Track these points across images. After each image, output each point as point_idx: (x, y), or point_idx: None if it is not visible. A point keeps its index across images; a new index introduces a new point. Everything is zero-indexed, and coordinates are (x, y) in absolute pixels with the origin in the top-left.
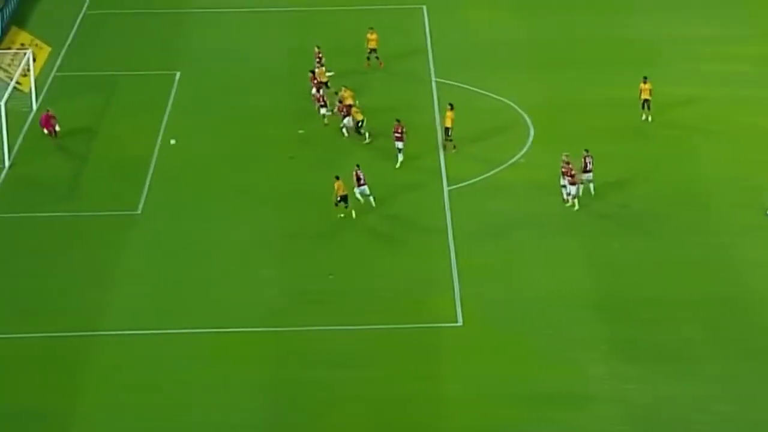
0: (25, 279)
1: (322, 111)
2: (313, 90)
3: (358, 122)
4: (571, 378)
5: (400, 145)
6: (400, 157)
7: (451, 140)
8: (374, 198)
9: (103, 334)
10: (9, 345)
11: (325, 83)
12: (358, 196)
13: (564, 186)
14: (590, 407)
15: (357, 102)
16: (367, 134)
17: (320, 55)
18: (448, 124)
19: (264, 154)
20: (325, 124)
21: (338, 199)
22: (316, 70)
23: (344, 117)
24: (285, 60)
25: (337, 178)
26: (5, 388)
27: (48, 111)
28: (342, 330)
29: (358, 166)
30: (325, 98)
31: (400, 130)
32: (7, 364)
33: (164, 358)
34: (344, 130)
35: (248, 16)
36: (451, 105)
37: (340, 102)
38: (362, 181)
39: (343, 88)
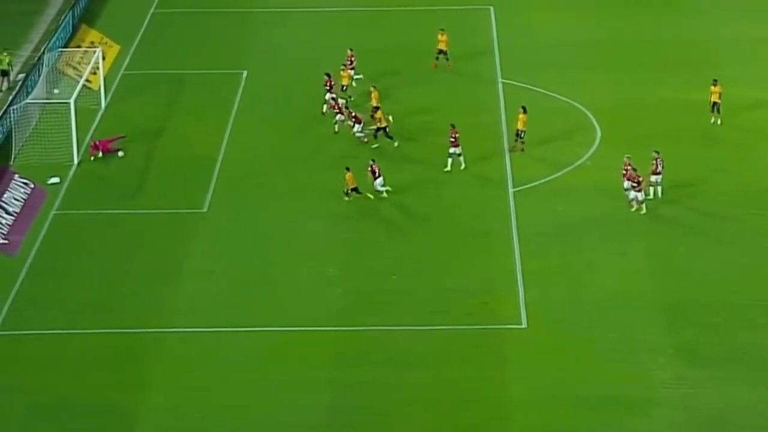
0: (92, 275)
1: (338, 117)
2: (327, 95)
3: (383, 128)
4: (635, 382)
5: (455, 150)
6: (450, 161)
7: (523, 142)
8: (388, 191)
9: (169, 331)
10: (78, 340)
11: (344, 86)
12: (377, 189)
13: (627, 190)
14: (655, 412)
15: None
16: (393, 141)
17: (352, 58)
18: (520, 127)
19: (330, 153)
20: (335, 132)
21: (349, 190)
22: (341, 73)
23: (354, 125)
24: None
25: (348, 169)
26: (74, 382)
27: (92, 141)
28: (405, 330)
29: (373, 160)
30: (339, 104)
31: (454, 135)
32: (76, 360)
33: (229, 356)
34: (356, 135)
35: (317, 15)
36: (523, 108)
37: (347, 108)
38: (377, 174)
39: (372, 88)
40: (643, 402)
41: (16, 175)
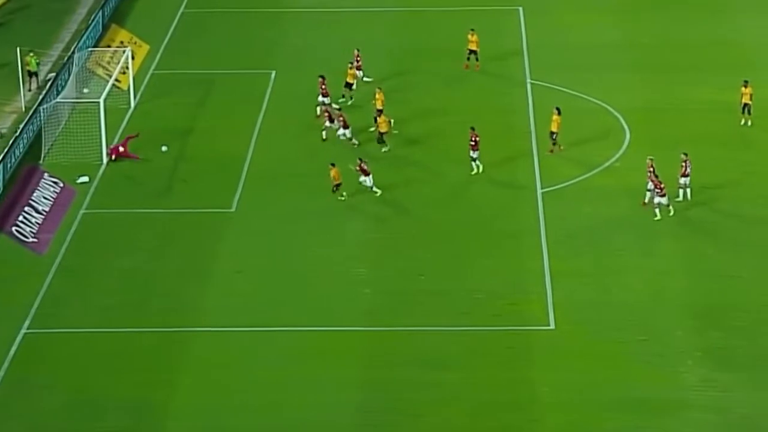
0: (121, 274)
1: (327, 124)
2: (320, 97)
3: (381, 133)
4: (664, 384)
5: (474, 154)
6: (474, 166)
7: (555, 143)
8: (377, 188)
9: (198, 330)
10: (106, 339)
11: (349, 84)
12: (366, 185)
13: (650, 190)
14: (684, 415)
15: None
16: (385, 145)
17: (358, 58)
18: (554, 128)
19: (358, 154)
20: (324, 139)
21: (334, 186)
22: (348, 71)
23: (341, 128)
24: (381, 60)
25: (333, 165)
26: (102, 381)
27: (109, 148)
28: (434, 331)
29: (360, 159)
30: (331, 110)
31: (474, 139)
32: (104, 358)
33: (258, 355)
34: (353, 140)
35: (346, 15)
36: (558, 109)
37: (339, 110)
38: (366, 172)
39: (378, 90)
40: (672, 404)
41: (46, 174)
